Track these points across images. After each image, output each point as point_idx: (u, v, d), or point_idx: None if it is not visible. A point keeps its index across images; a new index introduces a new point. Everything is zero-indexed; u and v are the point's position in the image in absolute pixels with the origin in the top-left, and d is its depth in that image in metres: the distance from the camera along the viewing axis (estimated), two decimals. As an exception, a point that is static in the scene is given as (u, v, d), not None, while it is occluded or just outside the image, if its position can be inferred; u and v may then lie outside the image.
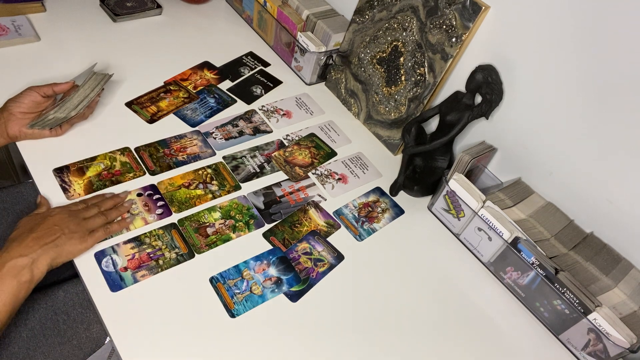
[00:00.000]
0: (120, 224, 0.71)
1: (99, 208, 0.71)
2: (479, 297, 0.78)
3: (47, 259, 0.62)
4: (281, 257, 0.75)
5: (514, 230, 0.75)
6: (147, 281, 0.67)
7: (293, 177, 0.88)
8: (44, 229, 0.63)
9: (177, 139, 0.88)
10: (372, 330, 0.70)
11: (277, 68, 1.11)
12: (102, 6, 1.12)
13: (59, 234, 0.64)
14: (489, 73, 0.78)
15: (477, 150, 0.84)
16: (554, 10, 0.72)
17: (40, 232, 0.63)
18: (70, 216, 0.67)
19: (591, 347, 0.70)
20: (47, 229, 0.64)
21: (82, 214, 0.68)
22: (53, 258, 0.62)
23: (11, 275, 0.59)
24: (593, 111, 0.72)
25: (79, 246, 0.65)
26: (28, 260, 0.60)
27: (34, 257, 0.61)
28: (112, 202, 0.73)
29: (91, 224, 0.68)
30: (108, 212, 0.71)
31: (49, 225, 0.64)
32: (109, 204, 0.72)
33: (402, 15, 0.90)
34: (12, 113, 0.75)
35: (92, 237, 0.67)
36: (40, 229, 0.63)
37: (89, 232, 0.67)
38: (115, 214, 0.71)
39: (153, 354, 0.61)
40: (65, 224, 0.65)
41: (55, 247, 0.63)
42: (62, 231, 0.64)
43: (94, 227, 0.68)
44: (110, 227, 0.69)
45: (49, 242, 0.62)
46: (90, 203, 0.71)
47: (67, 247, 0.64)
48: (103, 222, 0.69)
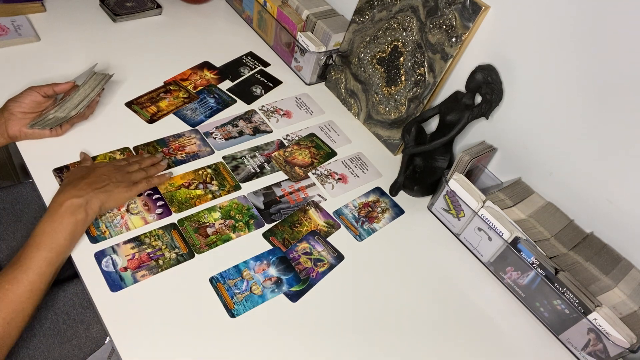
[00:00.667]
0: (160, 178, 0.78)
1: (140, 165, 0.77)
2: (479, 297, 0.78)
3: (98, 201, 0.68)
4: (281, 257, 0.75)
5: (514, 230, 0.75)
6: (147, 281, 0.67)
7: (293, 177, 0.88)
8: (94, 176, 0.70)
9: (175, 138, 0.88)
10: (372, 330, 0.70)
11: (277, 68, 1.11)
12: (102, 6, 1.12)
13: (108, 182, 0.70)
14: (489, 73, 0.78)
15: (477, 150, 0.84)
16: (554, 10, 0.72)
17: (92, 178, 0.70)
18: (116, 168, 0.74)
19: (591, 347, 0.70)
20: (97, 176, 0.70)
21: (126, 167, 0.75)
22: (103, 201, 0.69)
23: (69, 213, 0.65)
24: (593, 111, 0.72)
25: (125, 194, 0.72)
26: (83, 201, 0.66)
27: (88, 198, 0.67)
28: (150, 160, 0.80)
29: (134, 177, 0.74)
30: (147, 168, 0.78)
31: (98, 174, 0.71)
32: (147, 162, 0.79)
33: (402, 15, 0.90)
34: (12, 113, 0.76)
35: (136, 187, 0.73)
36: (92, 176, 0.70)
37: (133, 183, 0.73)
38: (154, 171, 0.78)
39: (153, 354, 0.61)
40: (113, 174, 0.72)
41: (105, 192, 0.69)
42: (109, 180, 0.71)
43: (137, 179, 0.74)
44: (151, 180, 0.76)
45: (99, 187, 0.69)
46: (132, 160, 0.78)
47: (115, 193, 0.70)
48: (144, 175, 0.76)
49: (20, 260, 0.60)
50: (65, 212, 0.64)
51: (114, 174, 0.72)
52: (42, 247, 0.61)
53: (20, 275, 0.59)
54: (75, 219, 0.65)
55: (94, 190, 0.68)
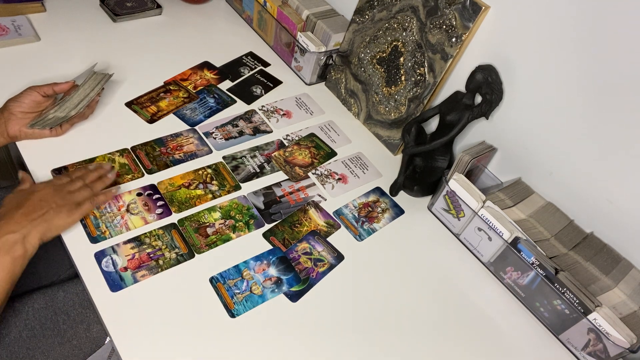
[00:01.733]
0: (106, 195, 0.71)
1: (84, 181, 0.70)
2: (479, 297, 0.78)
3: (38, 233, 0.62)
4: (281, 257, 0.75)
5: (514, 230, 0.75)
6: (147, 281, 0.67)
7: (293, 177, 0.88)
8: (31, 205, 0.63)
9: (173, 138, 0.88)
10: (372, 330, 0.70)
11: (277, 68, 1.11)
12: (102, 6, 1.12)
13: (47, 209, 0.64)
14: (489, 73, 0.78)
15: (477, 150, 0.84)
16: (554, 10, 0.72)
17: (28, 207, 0.63)
18: (56, 190, 0.67)
19: (591, 347, 0.70)
20: (34, 204, 0.64)
21: (67, 187, 0.68)
22: (43, 233, 0.63)
23: (4, 252, 0.59)
24: (593, 111, 0.72)
25: (68, 219, 0.66)
26: (19, 236, 0.60)
27: (24, 232, 0.61)
28: (96, 173, 0.72)
29: (77, 197, 0.68)
30: (93, 184, 0.71)
31: (35, 200, 0.64)
32: (92, 176, 0.72)
33: (402, 15, 0.90)
34: (12, 113, 0.76)
35: (79, 210, 0.67)
36: (27, 204, 0.63)
37: (76, 205, 0.67)
38: (100, 186, 0.71)
39: (153, 354, 0.61)
40: (52, 198, 0.65)
41: (44, 222, 0.63)
42: (49, 205, 0.64)
43: (80, 200, 0.68)
44: (96, 199, 0.69)
45: (37, 218, 0.62)
46: (75, 176, 0.71)
47: (55, 221, 0.64)
48: (89, 194, 0.69)
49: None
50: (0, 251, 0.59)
51: (53, 197, 0.66)
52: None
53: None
54: (12, 257, 0.59)
55: (32, 222, 0.62)
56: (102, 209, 0.73)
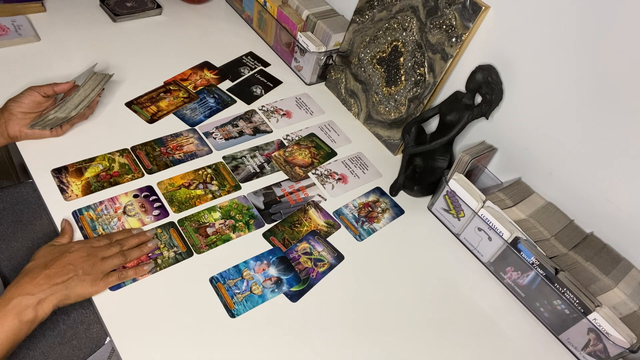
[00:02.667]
0: (136, 271, 0.68)
1: (121, 247, 0.68)
2: (479, 297, 0.78)
3: (54, 300, 0.60)
4: (281, 257, 0.75)
5: (514, 230, 0.75)
6: (146, 280, 0.67)
7: (293, 177, 0.88)
8: (58, 267, 0.62)
9: (173, 137, 0.88)
10: (372, 329, 0.70)
11: (277, 68, 1.11)
12: (102, 6, 1.12)
13: (72, 275, 0.62)
14: (489, 73, 0.78)
15: (477, 150, 0.84)
16: (554, 10, 0.72)
17: (54, 269, 0.62)
18: (88, 255, 0.65)
19: (591, 347, 0.70)
20: (62, 267, 0.62)
21: (102, 252, 0.66)
22: (60, 300, 0.61)
23: (15, 313, 0.57)
24: (593, 111, 0.72)
25: (89, 289, 0.63)
26: (34, 300, 0.59)
27: (42, 297, 0.59)
28: (136, 240, 0.70)
29: (107, 266, 0.65)
30: (129, 251, 0.68)
31: (64, 263, 0.63)
32: (133, 242, 0.70)
33: (402, 15, 0.90)
34: (12, 113, 0.76)
35: (105, 282, 0.65)
36: (55, 265, 0.62)
37: (103, 275, 0.65)
38: (136, 254, 0.69)
39: (153, 354, 0.61)
40: (81, 264, 0.63)
41: (65, 289, 0.61)
42: (75, 272, 0.62)
43: (109, 269, 0.66)
44: (125, 273, 0.67)
45: (59, 283, 0.61)
46: (115, 239, 0.69)
47: (77, 289, 0.62)
48: (121, 262, 0.67)
49: None
50: (10, 311, 0.57)
51: (83, 263, 0.63)
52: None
53: None
54: (19, 321, 0.57)
55: (52, 287, 0.60)
56: (98, 211, 0.73)
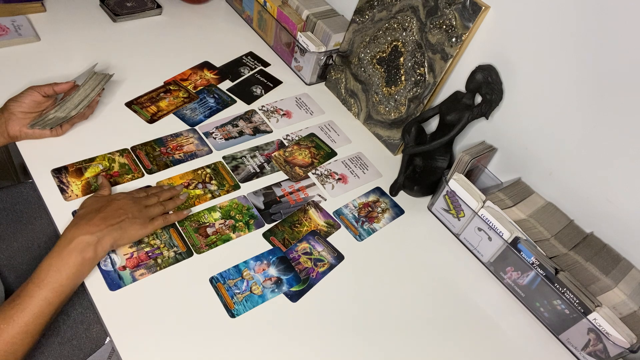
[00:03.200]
0: (177, 215, 0.74)
1: (158, 197, 0.74)
2: (479, 297, 0.78)
3: (111, 239, 0.65)
4: (281, 257, 0.75)
5: (514, 230, 0.75)
6: (146, 280, 0.67)
7: (293, 177, 0.88)
8: (110, 211, 0.67)
9: (173, 137, 0.88)
10: (372, 329, 0.70)
11: (277, 68, 1.11)
12: (102, 6, 1.12)
13: (124, 217, 0.67)
14: (489, 73, 0.78)
15: (477, 150, 0.84)
16: (554, 10, 0.72)
17: (107, 212, 0.66)
18: (134, 202, 0.70)
19: (591, 347, 0.70)
20: (114, 211, 0.67)
21: (144, 201, 0.72)
22: (116, 239, 0.65)
23: (78, 251, 0.61)
24: (593, 111, 0.72)
25: (140, 231, 0.68)
26: (94, 238, 0.63)
27: (100, 235, 0.63)
28: (169, 193, 0.76)
29: (152, 212, 0.71)
30: (165, 202, 0.74)
31: (115, 207, 0.67)
32: (167, 194, 0.76)
33: (402, 15, 0.90)
34: (12, 113, 0.76)
35: (152, 224, 0.70)
36: (107, 210, 0.67)
37: (149, 219, 0.70)
38: (172, 205, 0.75)
39: (153, 354, 0.61)
40: (129, 208, 0.68)
41: (119, 229, 0.66)
42: (126, 215, 0.67)
43: (154, 215, 0.71)
44: (168, 217, 0.73)
45: (114, 224, 0.65)
46: (151, 192, 0.75)
47: (130, 230, 0.67)
48: (162, 210, 0.72)
49: (20, 297, 0.58)
50: (73, 250, 0.61)
51: (130, 208, 0.69)
52: (43, 286, 0.59)
53: (17, 314, 0.57)
54: (82, 258, 0.62)
55: (108, 227, 0.65)
56: None
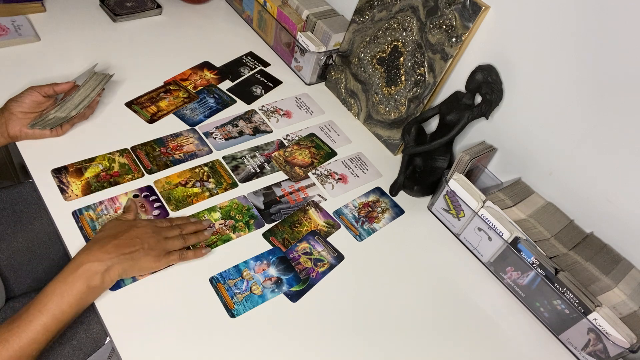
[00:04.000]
0: (195, 253, 0.70)
1: (181, 230, 0.71)
2: (479, 297, 0.78)
3: (120, 269, 0.62)
4: (281, 257, 0.75)
5: (514, 230, 0.75)
6: (146, 280, 0.67)
7: (293, 177, 0.88)
8: (126, 238, 0.64)
9: (173, 137, 0.88)
10: (372, 329, 0.70)
11: (277, 68, 1.11)
12: (102, 6, 1.12)
13: (138, 248, 0.65)
14: (489, 73, 0.78)
15: (477, 150, 0.84)
16: (554, 10, 0.72)
17: (123, 240, 0.64)
18: (154, 232, 0.67)
19: (591, 347, 0.70)
20: (130, 239, 0.65)
21: (165, 232, 0.69)
22: (125, 269, 0.63)
23: (84, 278, 0.60)
24: (593, 111, 0.72)
25: (152, 264, 0.66)
26: (103, 267, 0.61)
27: (109, 264, 0.61)
28: (194, 227, 0.73)
29: (170, 245, 0.68)
30: (188, 236, 0.71)
31: (132, 235, 0.65)
32: (191, 228, 0.73)
33: (402, 15, 0.90)
34: (12, 113, 0.76)
35: (166, 259, 0.67)
36: (124, 237, 0.64)
37: (165, 252, 0.67)
38: (193, 240, 0.72)
39: (153, 354, 0.61)
40: (147, 238, 0.66)
41: (130, 260, 0.63)
42: (141, 245, 0.65)
43: (171, 249, 0.68)
44: (185, 254, 0.69)
45: (127, 253, 0.63)
46: (175, 223, 0.72)
47: (141, 262, 0.65)
48: (181, 245, 0.70)
49: (20, 319, 0.56)
50: (80, 276, 0.59)
51: (148, 238, 0.66)
52: (45, 311, 0.57)
53: (13, 338, 0.55)
54: (87, 286, 0.60)
55: (120, 256, 0.63)
56: (98, 211, 0.73)
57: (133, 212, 0.72)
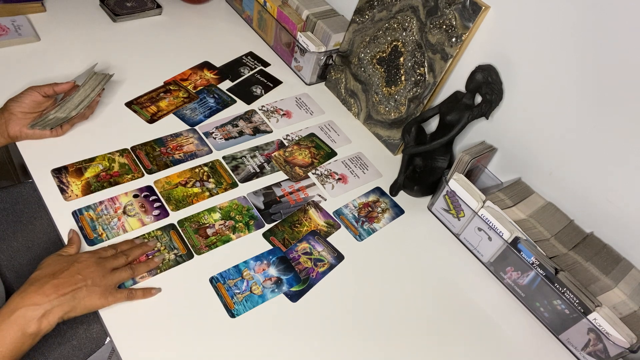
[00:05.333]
0: (144, 293, 0.65)
1: (127, 258, 0.66)
2: (479, 297, 0.78)
3: (60, 312, 0.57)
4: (281, 257, 0.75)
5: (514, 230, 0.75)
6: (146, 282, 0.67)
7: (293, 177, 0.88)
8: (66, 276, 0.59)
9: (173, 137, 0.88)
10: (372, 329, 0.70)
11: (277, 68, 1.11)
12: (102, 6, 1.12)
13: (81, 285, 0.59)
14: (489, 73, 0.78)
15: (477, 150, 0.84)
16: (554, 10, 0.72)
17: (63, 279, 0.59)
18: (98, 265, 0.62)
19: (591, 347, 0.70)
20: (70, 276, 0.59)
21: (110, 263, 0.64)
22: (66, 312, 0.58)
23: (18, 325, 0.54)
24: (593, 111, 0.72)
25: (98, 302, 0.61)
26: (40, 311, 0.56)
27: (48, 307, 0.56)
28: (140, 251, 0.68)
29: (116, 279, 0.64)
30: (136, 265, 0.67)
31: (73, 272, 0.60)
32: (137, 253, 0.68)
33: (402, 15, 0.90)
34: (12, 113, 0.76)
35: (113, 297, 0.62)
36: (63, 275, 0.59)
37: (112, 287, 0.63)
38: (143, 269, 0.67)
39: (153, 354, 0.61)
40: (90, 274, 0.61)
41: (72, 300, 0.58)
42: (85, 282, 0.60)
43: (118, 283, 0.64)
44: (134, 294, 0.64)
45: (67, 293, 0.58)
46: (120, 250, 0.67)
47: (85, 301, 0.60)
48: (129, 276, 0.65)
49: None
50: (13, 323, 0.54)
51: (92, 273, 0.61)
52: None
53: None
54: (22, 334, 0.54)
55: (60, 298, 0.57)
56: (98, 210, 0.73)
57: (76, 244, 0.67)
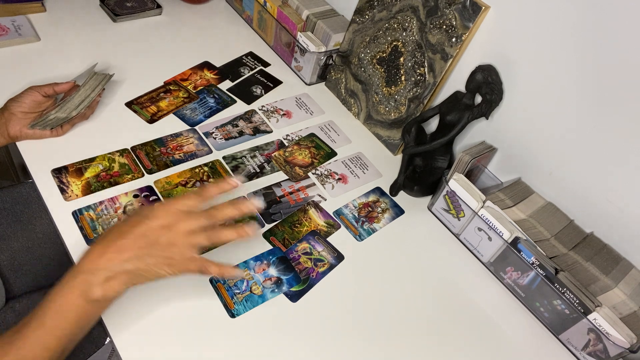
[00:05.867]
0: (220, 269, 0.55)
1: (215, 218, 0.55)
2: (479, 297, 0.78)
3: (125, 278, 0.50)
4: (281, 257, 0.75)
5: (514, 230, 0.75)
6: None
7: (293, 177, 0.88)
8: (133, 238, 0.51)
9: (173, 138, 0.88)
10: (372, 330, 0.70)
11: (277, 68, 1.11)
12: (102, 6, 1.12)
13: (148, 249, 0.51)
14: (489, 73, 0.78)
15: (477, 150, 0.84)
16: (554, 10, 0.72)
17: (129, 239, 0.51)
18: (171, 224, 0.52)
19: (591, 347, 0.70)
20: (137, 238, 0.51)
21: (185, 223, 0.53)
22: (132, 278, 0.51)
23: (79, 292, 0.49)
24: (593, 111, 0.72)
25: (163, 272, 0.53)
26: (101, 276, 0.49)
27: (110, 272, 0.50)
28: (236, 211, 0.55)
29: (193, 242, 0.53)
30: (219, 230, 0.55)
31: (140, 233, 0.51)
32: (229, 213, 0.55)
33: (402, 15, 0.90)
34: (12, 113, 0.76)
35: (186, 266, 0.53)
36: (131, 235, 0.51)
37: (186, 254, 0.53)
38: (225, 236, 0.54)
39: (153, 354, 0.61)
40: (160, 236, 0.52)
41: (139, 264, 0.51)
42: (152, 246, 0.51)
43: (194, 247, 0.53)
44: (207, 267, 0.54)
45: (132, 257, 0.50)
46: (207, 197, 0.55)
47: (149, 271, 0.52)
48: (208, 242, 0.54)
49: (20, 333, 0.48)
50: (75, 288, 0.49)
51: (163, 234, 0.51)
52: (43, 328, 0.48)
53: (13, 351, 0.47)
54: (85, 300, 0.49)
55: (123, 262, 0.50)
56: (98, 210, 0.73)
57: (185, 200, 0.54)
